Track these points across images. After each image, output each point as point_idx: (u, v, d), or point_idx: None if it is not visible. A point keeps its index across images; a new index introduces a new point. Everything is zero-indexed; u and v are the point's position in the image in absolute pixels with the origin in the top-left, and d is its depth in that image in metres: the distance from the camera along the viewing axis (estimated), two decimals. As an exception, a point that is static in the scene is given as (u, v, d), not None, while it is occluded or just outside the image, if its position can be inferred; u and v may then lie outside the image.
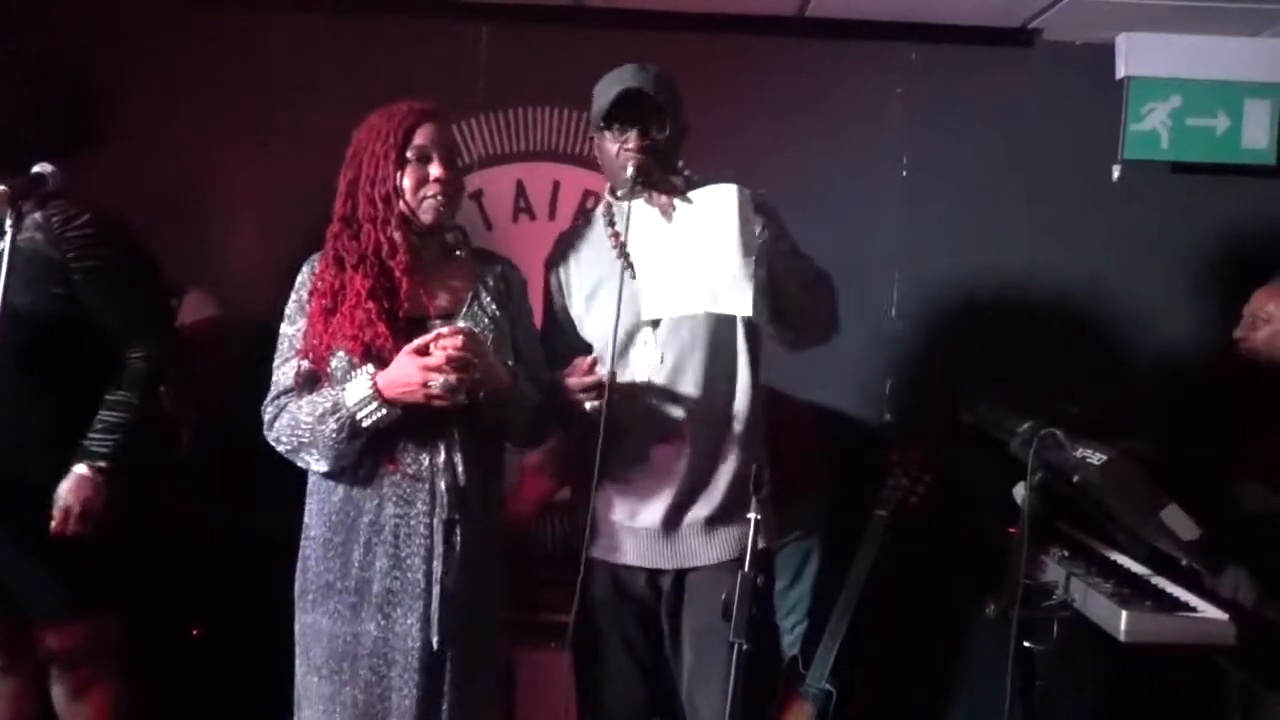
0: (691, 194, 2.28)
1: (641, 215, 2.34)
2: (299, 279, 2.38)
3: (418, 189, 2.30)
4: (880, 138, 3.68)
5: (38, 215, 2.54)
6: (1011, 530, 2.63)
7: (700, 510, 2.43)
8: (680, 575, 2.47)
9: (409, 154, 2.29)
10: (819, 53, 3.66)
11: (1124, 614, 2.44)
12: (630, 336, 2.43)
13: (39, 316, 2.52)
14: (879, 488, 3.31)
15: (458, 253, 2.45)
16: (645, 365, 2.43)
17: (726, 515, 2.42)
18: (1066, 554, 2.81)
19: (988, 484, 2.89)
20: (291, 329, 2.35)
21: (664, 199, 2.32)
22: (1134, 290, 3.65)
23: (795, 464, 2.94)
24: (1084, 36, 3.62)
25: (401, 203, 2.29)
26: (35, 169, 2.37)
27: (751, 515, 2.14)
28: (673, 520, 2.44)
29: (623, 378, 2.42)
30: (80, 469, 2.54)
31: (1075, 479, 2.53)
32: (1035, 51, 3.65)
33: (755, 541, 2.18)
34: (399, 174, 2.29)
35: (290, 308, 2.37)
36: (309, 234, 2.44)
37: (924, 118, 3.67)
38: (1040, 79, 3.65)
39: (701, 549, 2.44)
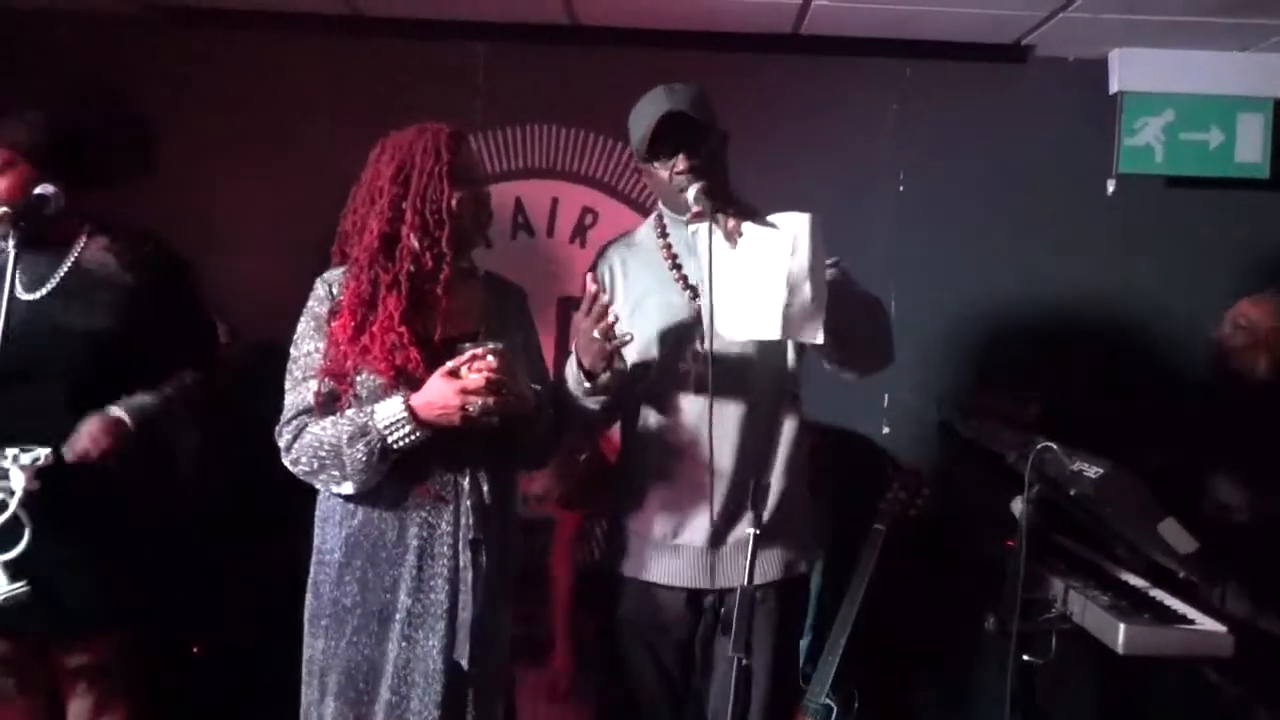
0: (767, 218, 2.23)
1: (706, 240, 2.28)
2: (313, 297, 2.34)
3: (476, 210, 2.31)
4: (876, 153, 3.70)
5: (104, 238, 2.60)
6: (1010, 543, 2.65)
7: (745, 529, 2.37)
8: (721, 596, 2.45)
9: (464, 176, 2.28)
10: (814, 70, 3.69)
11: (1122, 627, 2.45)
12: (678, 354, 2.42)
13: (94, 336, 2.54)
14: (878, 501, 3.31)
15: (476, 276, 2.44)
16: (698, 382, 2.42)
17: (773, 535, 2.39)
18: (1065, 567, 2.82)
19: (986, 497, 2.91)
20: (308, 346, 2.31)
21: (731, 222, 2.26)
22: (1129, 304, 3.66)
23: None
24: (1077, 52, 3.64)
25: (450, 222, 2.26)
26: (38, 190, 2.39)
27: (750, 530, 2.14)
28: (718, 539, 2.42)
29: (671, 396, 2.43)
30: (107, 410, 2.52)
31: (1073, 492, 2.54)
32: (1028, 67, 3.67)
33: (753, 558, 2.18)
34: (454, 193, 2.26)
35: (306, 327, 2.33)
36: (313, 255, 2.45)
37: (919, 133, 3.69)
38: (1034, 95, 3.68)
39: (748, 568, 2.35)
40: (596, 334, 2.24)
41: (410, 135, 2.30)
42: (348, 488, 2.25)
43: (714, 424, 2.34)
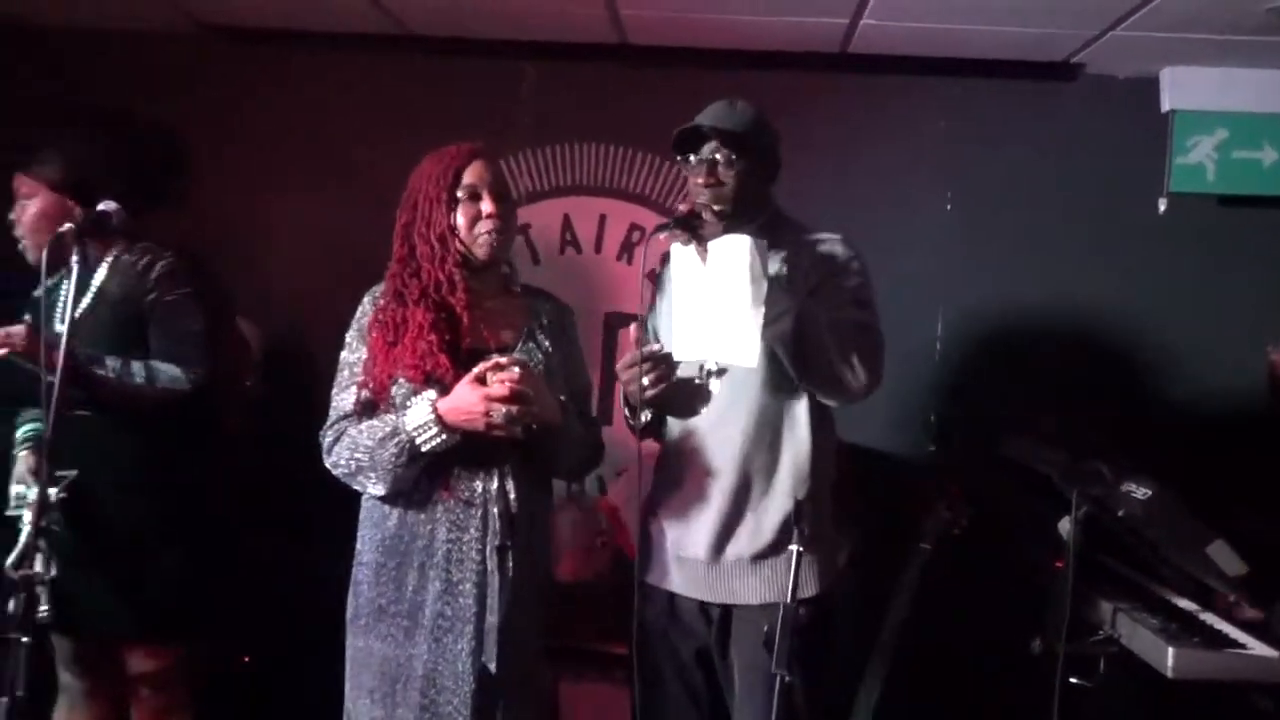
0: (711, 242, 2.30)
1: (680, 257, 2.37)
2: (360, 309, 2.44)
3: (471, 226, 2.36)
4: (923, 172, 3.69)
5: (125, 257, 2.70)
6: (1057, 564, 2.63)
7: (743, 546, 2.42)
8: (728, 610, 2.47)
9: (460, 193, 2.36)
10: (862, 89, 3.69)
11: (1171, 650, 2.42)
12: (691, 368, 2.45)
13: (121, 354, 2.63)
14: (922, 520, 3.29)
15: (514, 289, 2.51)
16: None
17: (774, 555, 2.40)
18: (1113, 589, 2.79)
19: (1033, 517, 2.89)
20: (351, 357, 2.40)
21: (694, 244, 2.33)
22: (1180, 324, 3.62)
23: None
24: (1127, 70, 3.62)
25: (457, 241, 2.36)
26: (99, 207, 2.45)
27: (793, 547, 2.13)
28: (716, 553, 2.44)
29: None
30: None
31: (1121, 513, 2.53)
32: (1078, 86, 3.65)
33: (798, 574, 2.17)
34: (451, 214, 2.35)
35: (350, 336, 2.42)
36: (361, 270, 2.50)
37: (967, 152, 3.68)
38: (1084, 113, 3.65)
39: (746, 586, 2.43)
40: (642, 379, 2.30)
41: (428, 159, 2.41)
42: (381, 489, 2.33)
43: (716, 439, 2.42)
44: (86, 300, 2.69)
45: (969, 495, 3.28)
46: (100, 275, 2.70)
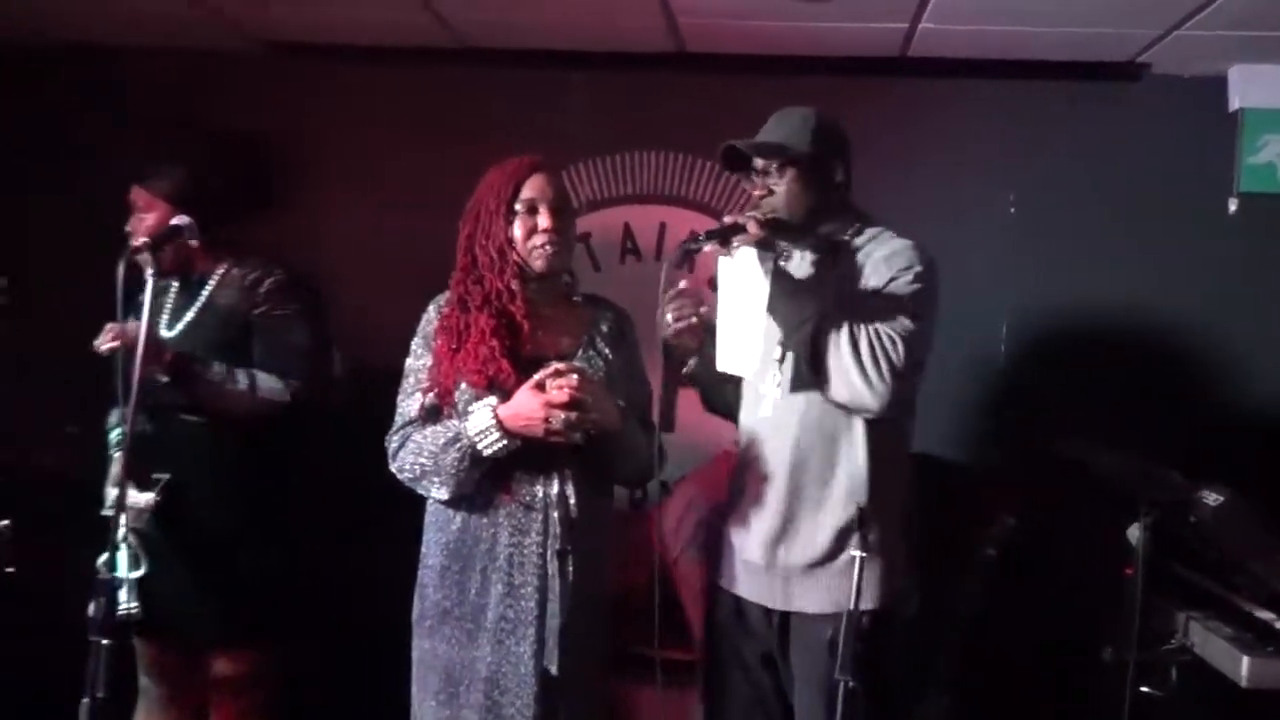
0: (723, 258, 2.35)
1: (723, 268, 2.40)
2: (424, 317, 2.49)
3: (527, 239, 2.40)
4: (986, 176, 3.66)
5: (235, 270, 2.79)
6: (1127, 571, 2.59)
7: (796, 554, 2.42)
8: (786, 616, 2.47)
9: (518, 206, 2.40)
10: (922, 93, 3.67)
11: (1245, 659, 2.39)
12: (760, 375, 2.48)
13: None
14: (987, 526, 3.26)
15: (575, 298, 2.54)
16: (765, 397, 2.48)
17: (828, 563, 2.39)
18: (1185, 597, 2.75)
19: (1100, 524, 2.85)
20: (416, 364, 2.46)
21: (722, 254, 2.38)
22: (1251, 326, 3.55)
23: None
24: (1194, 69, 3.56)
25: (515, 253, 2.40)
26: (173, 221, 2.53)
27: (856, 553, 2.12)
28: (769, 559, 2.45)
29: (747, 407, 2.53)
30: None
31: (1192, 519, 2.49)
32: (1144, 85, 3.60)
33: (861, 580, 2.16)
34: (510, 226, 2.40)
35: (415, 343, 2.48)
36: (424, 279, 2.54)
37: (1030, 155, 3.64)
38: (1150, 113, 3.60)
39: (801, 594, 2.42)
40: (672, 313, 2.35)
41: (493, 172, 2.46)
42: (444, 494, 2.37)
43: (772, 446, 2.44)
44: (193, 310, 2.76)
45: (1035, 501, 3.25)
46: (209, 287, 2.79)
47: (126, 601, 2.52)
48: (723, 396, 2.62)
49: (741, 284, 2.34)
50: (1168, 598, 2.75)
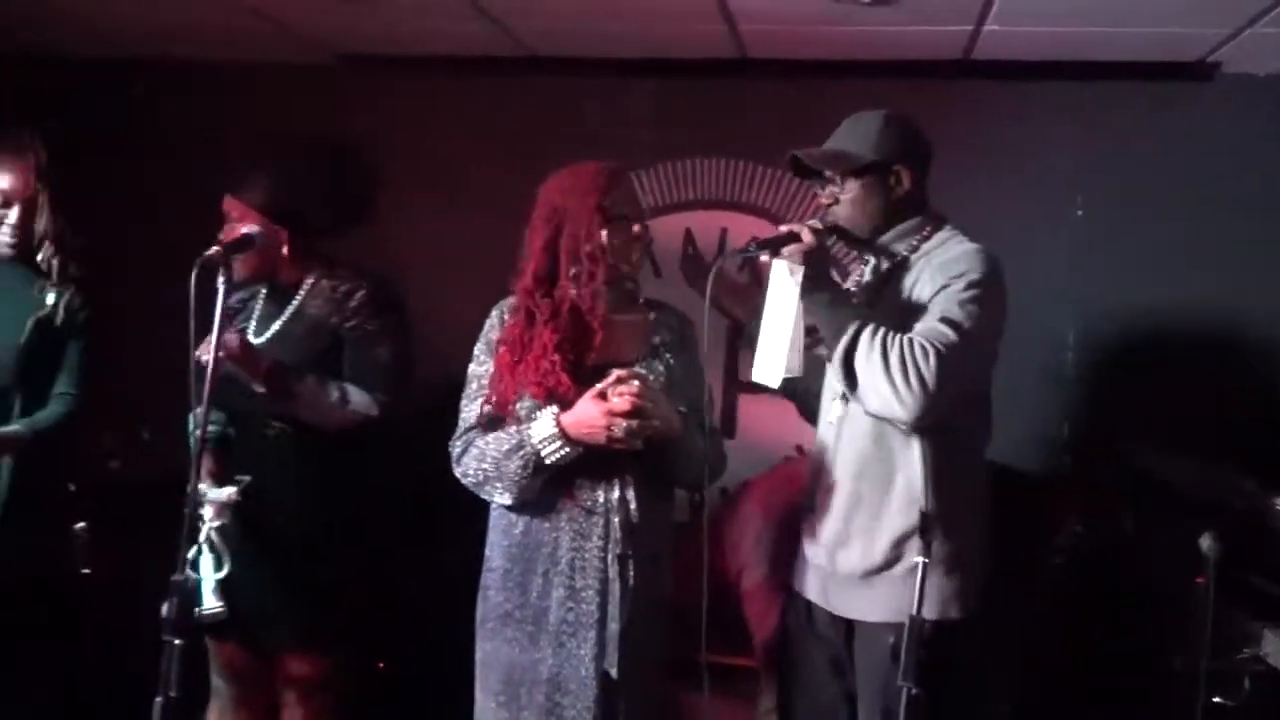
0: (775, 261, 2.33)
1: (772, 275, 2.38)
2: (488, 322, 2.51)
3: (624, 246, 2.41)
4: (1052, 178, 3.62)
5: (325, 281, 2.81)
6: (1199, 580, 2.55)
7: (855, 562, 2.40)
8: (850, 622, 2.46)
9: (613, 211, 2.40)
10: (986, 94, 3.64)
11: (1322, 670, 2.32)
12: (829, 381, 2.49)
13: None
14: (1056, 535, 3.22)
15: (638, 303, 2.55)
16: (832, 404, 2.48)
17: (885, 571, 2.37)
18: (1259, 606, 2.70)
19: (1173, 532, 2.80)
20: (479, 369, 2.48)
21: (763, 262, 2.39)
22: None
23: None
24: (1268, 68, 3.49)
25: (606, 259, 2.39)
26: (244, 230, 2.58)
27: (918, 559, 2.10)
28: (830, 565, 2.45)
29: (821, 414, 2.54)
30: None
31: (1268, 528, 2.44)
32: (1215, 85, 3.54)
33: (924, 586, 2.12)
34: (602, 232, 2.38)
35: (479, 348, 2.50)
36: (490, 286, 2.56)
37: (1097, 157, 3.60)
38: (1221, 113, 3.54)
39: (860, 602, 2.41)
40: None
41: (565, 176, 2.45)
42: (507, 499, 2.40)
43: (835, 454, 2.44)
44: (281, 320, 2.80)
45: (1104, 509, 3.20)
46: (299, 296, 2.81)
47: (213, 603, 2.57)
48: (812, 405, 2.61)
49: (780, 294, 2.33)
50: (1241, 607, 2.69)
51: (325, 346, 2.78)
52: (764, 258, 2.37)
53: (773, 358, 2.32)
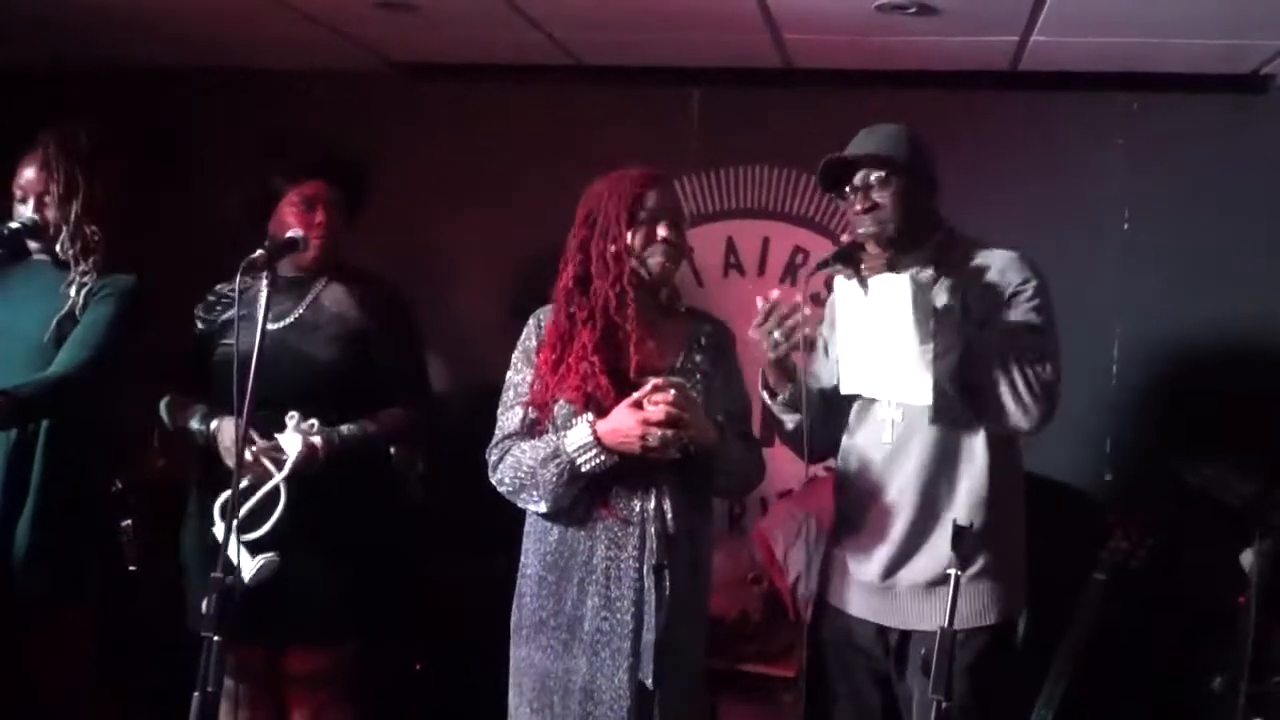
0: (871, 280, 2.32)
1: (844, 291, 2.38)
2: (526, 330, 2.53)
3: (646, 247, 2.43)
4: (1099, 190, 3.58)
5: (342, 282, 2.87)
6: (1240, 599, 2.51)
7: (919, 573, 2.42)
8: (905, 635, 2.46)
9: (640, 215, 2.42)
10: (1033, 106, 3.61)
11: (1366, 693, 2.28)
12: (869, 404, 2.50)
13: (326, 367, 2.80)
14: (1098, 550, 3.18)
15: (678, 310, 2.56)
16: (885, 421, 2.47)
17: (949, 582, 2.35)
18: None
19: (1214, 549, 2.76)
20: (517, 377, 2.49)
21: (850, 276, 2.37)
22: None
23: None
24: (1322, 81, 3.44)
25: (632, 260, 2.42)
26: (289, 233, 2.62)
27: (951, 571, 2.10)
28: (890, 578, 2.45)
29: (863, 432, 2.52)
30: (313, 436, 2.67)
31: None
32: (1269, 98, 3.48)
33: (955, 598, 2.12)
34: (630, 233, 2.41)
35: (517, 357, 2.52)
36: (532, 294, 2.59)
37: (1146, 169, 3.55)
38: (1273, 127, 3.48)
39: (921, 613, 2.41)
40: (775, 335, 2.32)
41: (606, 181, 2.47)
42: (543, 507, 2.41)
43: (893, 470, 2.43)
44: (298, 312, 2.82)
45: (1147, 525, 3.16)
46: (315, 289, 2.85)
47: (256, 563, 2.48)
48: (828, 427, 2.57)
49: (871, 307, 2.32)
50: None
51: (343, 339, 2.81)
52: (841, 275, 2.37)
53: (912, 376, 2.28)
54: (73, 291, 2.76)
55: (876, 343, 2.33)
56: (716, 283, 3.79)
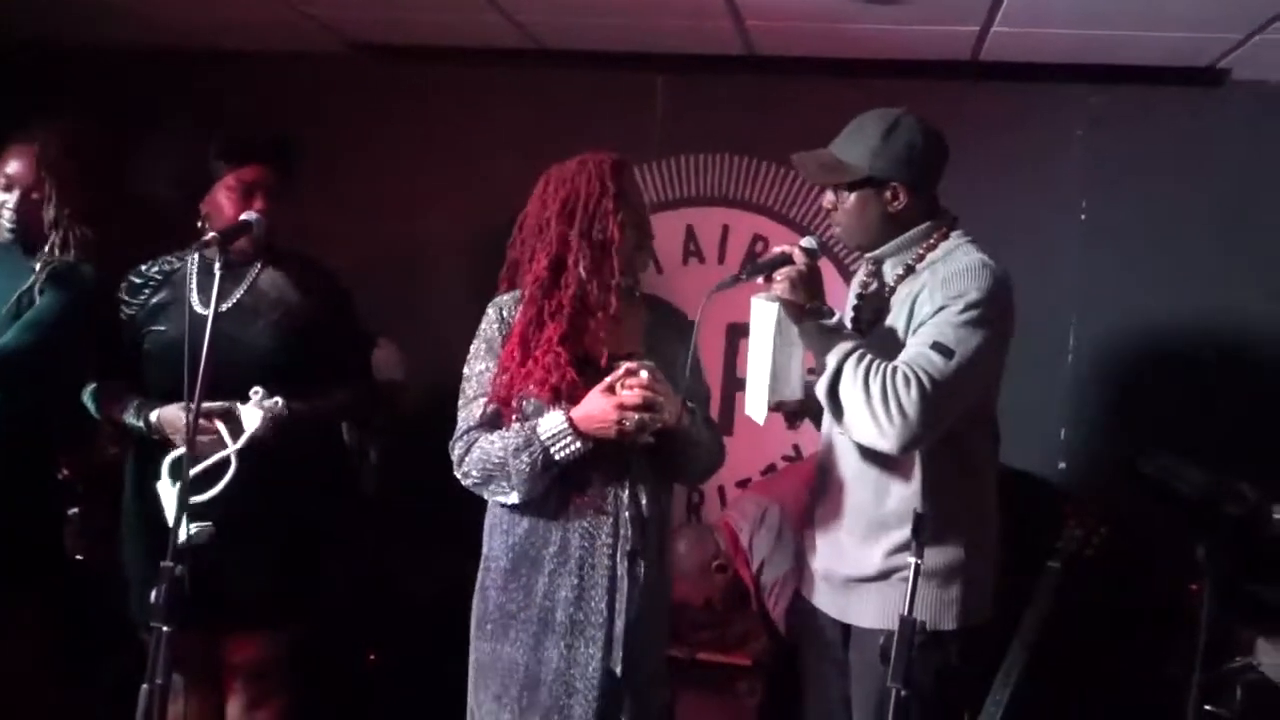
0: (753, 300, 2.34)
1: (754, 306, 2.37)
2: (486, 319, 2.45)
3: (638, 241, 2.41)
4: (1057, 181, 3.61)
5: (278, 265, 2.78)
6: (1194, 587, 2.54)
7: (852, 568, 2.41)
8: (847, 626, 2.46)
9: (626, 205, 2.38)
10: (993, 96, 3.63)
11: (1316, 680, 2.31)
12: None
13: (265, 351, 2.70)
14: (1053, 540, 3.21)
15: (636, 294, 2.51)
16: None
17: (882, 580, 2.37)
18: (1254, 614, 2.69)
19: (1169, 537, 2.79)
20: (479, 367, 2.43)
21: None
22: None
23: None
24: (1278, 75, 3.47)
25: (615, 250, 2.36)
26: (244, 216, 2.57)
27: (912, 559, 2.08)
28: (831, 571, 2.46)
29: (827, 420, 2.48)
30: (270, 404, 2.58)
31: (1267, 536, 2.43)
32: (1224, 91, 3.52)
33: (914, 586, 2.10)
34: (620, 227, 2.35)
35: (477, 346, 2.45)
36: (490, 281, 2.55)
37: (1104, 161, 3.58)
38: (1230, 120, 3.52)
39: (858, 608, 2.41)
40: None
41: (574, 167, 2.40)
42: (514, 498, 2.35)
43: (837, 463, 2.43)
44: (239, 293, 2.73)
45: (1102, 514, 3.18)
46: (252, 273, 2.75)
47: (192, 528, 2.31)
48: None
49: (761, 328, 2.33)
50: (1236, 614, 2.68)
51: (281, 323, 2.72)
52: (760, 280, 2.34)
53: (757, 393, 2.32)
54: (36, 267, 2.73)
55: (755, 358, 2.35)
56: (676, 269, 3.78)
